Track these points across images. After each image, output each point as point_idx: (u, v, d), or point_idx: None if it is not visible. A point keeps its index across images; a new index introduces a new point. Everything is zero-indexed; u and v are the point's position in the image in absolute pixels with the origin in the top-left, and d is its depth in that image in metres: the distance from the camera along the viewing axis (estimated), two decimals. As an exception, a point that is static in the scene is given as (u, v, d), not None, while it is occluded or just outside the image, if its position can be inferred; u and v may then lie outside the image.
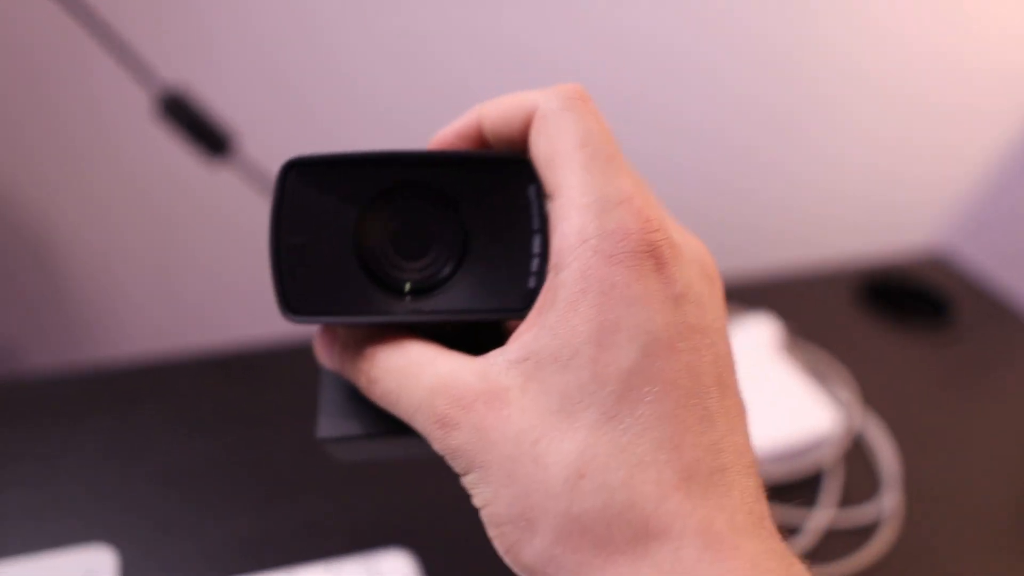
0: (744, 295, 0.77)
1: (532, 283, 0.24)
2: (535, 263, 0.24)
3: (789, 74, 0.78)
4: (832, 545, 0.53)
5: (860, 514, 0.55)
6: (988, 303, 0.79)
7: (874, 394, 0.66)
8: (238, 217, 0.70)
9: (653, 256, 0.21)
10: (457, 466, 0.22)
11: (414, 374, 0.23)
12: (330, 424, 0.27)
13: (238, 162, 0.58)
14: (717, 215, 0.86)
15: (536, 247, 0.24)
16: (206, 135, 0.56)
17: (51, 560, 0.45)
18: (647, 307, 0.21)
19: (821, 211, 0.90)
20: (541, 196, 0.24)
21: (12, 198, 0.65)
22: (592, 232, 0.21)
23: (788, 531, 0.54)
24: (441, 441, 0.22)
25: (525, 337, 0.22)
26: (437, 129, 0.26)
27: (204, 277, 0.75)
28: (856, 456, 0.60)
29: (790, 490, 0.57)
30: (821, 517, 0.54)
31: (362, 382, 0.25)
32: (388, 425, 0.26)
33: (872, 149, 0.87)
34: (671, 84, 0.75)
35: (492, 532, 0.21)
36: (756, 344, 0.63)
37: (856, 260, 0.85)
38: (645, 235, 0.21)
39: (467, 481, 0.22)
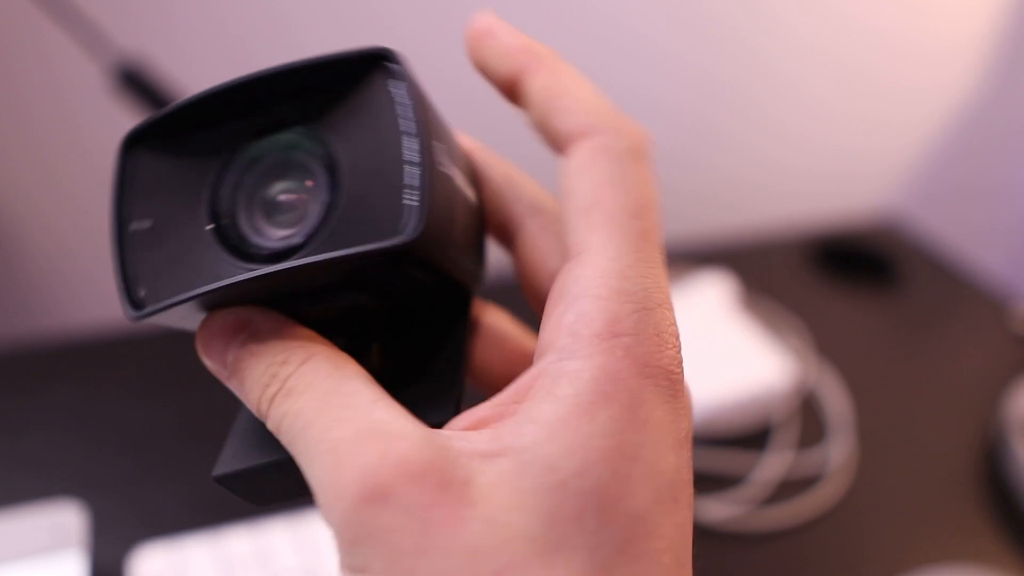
0: (701, 255, 0.79)
1: (411, 198, 0.18)
2: (412, 173, 0.18)
3: (741, 49, 0.79)
4: (787, 491, 0.55)
5: (814, 461, 0.57)
6: (933, 264, 0.82)
7: (826, 348, 0.68)
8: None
9: (675, 383, 0.17)
10: (354, 556, 0.15)
11: (343, 404, 0.17)
12: (231, 458, 0.20)
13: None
14: (674, 185, 0.87)
15: (410, 153, 0.18)
16: (162, 105, 0.56)
17: (19, 515, 0.45)
18: (664, 441, 0.17)
19: (774, 181, 0.92)
20: (415, 96, 0.19)
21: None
22: (628, 328, 0.17)
23: (744, 478, 0.55)
24: (351, 512, 0.15)
25: (500, 426, 0.17)
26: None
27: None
28: (809, 406, 0.62)
29: (746, 439, 0.59)
30: (776, 464, 0.56)
31: (267, 388, 0.18)
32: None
33: (823, 121, 0.89)
34: (622, 58, 0.76)
35: None
36: (712, 300, 0.65)
37: (809, 224, 0.88)
38: (676, 353, 0.17)
39: None
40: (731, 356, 0.59)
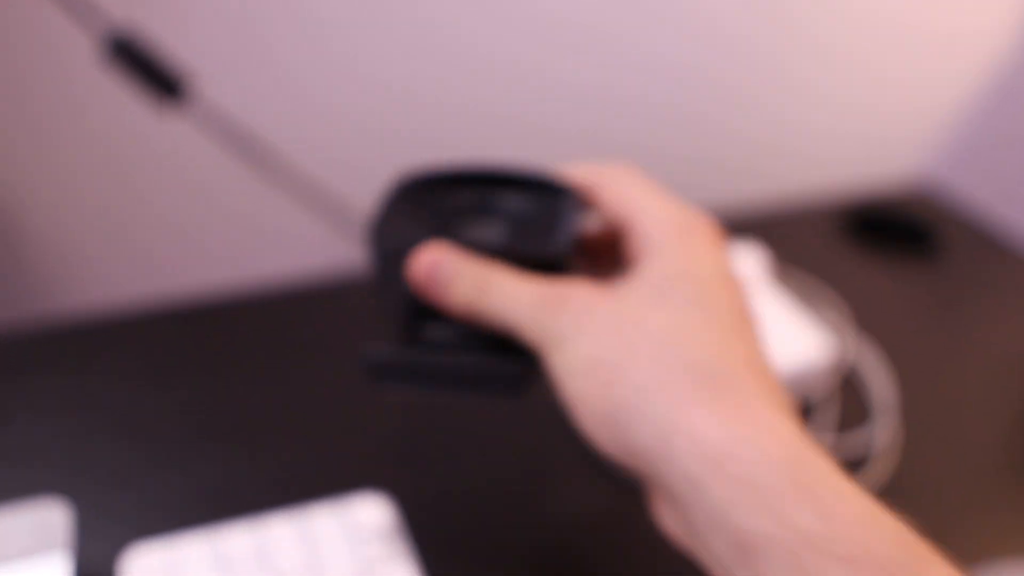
0: (730, 226, 0.75)
1: (562, 239, 0.32)
2: (563, 236, 0.32)
3: (769, 8, 0.75)
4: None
5: (857, 442, 0.53)
6: (974, 231, 0.77)
7: (865, 322, 0.64)
8: (193, 161, 0.66)
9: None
10: (552, 325, 0.28)
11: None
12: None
13: (194, 104, 0.54)
14: (699, 152, 0.83)
15: (566, 227, 0.32)
16: (159, 78, 0.52)
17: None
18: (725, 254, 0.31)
19: (804, 145, 0.88)
20: (575, 205, 0.33)
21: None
22: (700, 226, 0.30)
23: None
24: (542, 309, 0.28)
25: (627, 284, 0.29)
26: (412, 74, 0.23)
27: (156, 224, 0.71)
28: (849, 384, 0.58)
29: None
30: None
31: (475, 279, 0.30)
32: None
33: (853, 79, 0.84)
34: (650, 22, 0.72)
35: (584, 378, 0.27)
36: (745, 273, 0.61)
37: (843, 191, 0.83)
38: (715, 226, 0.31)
39: (558, 330, 0.28)
40: (768, 331, 0.55)
